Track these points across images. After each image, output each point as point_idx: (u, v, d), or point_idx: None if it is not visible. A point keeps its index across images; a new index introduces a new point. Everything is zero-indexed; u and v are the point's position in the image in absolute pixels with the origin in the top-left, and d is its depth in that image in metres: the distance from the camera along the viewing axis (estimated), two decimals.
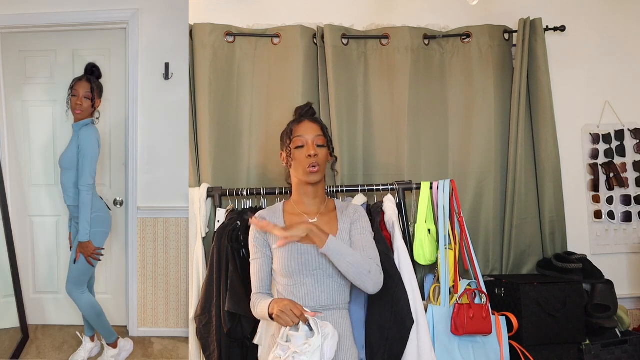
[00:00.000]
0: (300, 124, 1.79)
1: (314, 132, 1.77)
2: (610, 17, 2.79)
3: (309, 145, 1.75)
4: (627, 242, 2.74)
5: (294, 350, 1.49)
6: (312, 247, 1.70)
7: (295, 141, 1.76)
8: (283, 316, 1.51)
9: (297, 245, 1.70)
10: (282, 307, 1.52)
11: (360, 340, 1.93)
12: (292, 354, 1.49)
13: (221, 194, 2.31)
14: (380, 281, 1.67)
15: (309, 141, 1.75)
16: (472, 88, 2.60)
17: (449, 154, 2.60)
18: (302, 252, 1.70)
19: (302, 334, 1.51)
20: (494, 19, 2.65)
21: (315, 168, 1.73)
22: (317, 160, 1.73)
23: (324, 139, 1.78)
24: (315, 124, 1.80)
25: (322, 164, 1.76)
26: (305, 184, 1.77)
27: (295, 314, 1.50)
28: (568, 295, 2.25)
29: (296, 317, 1.50)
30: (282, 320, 1.52)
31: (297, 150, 1.76)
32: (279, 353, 1.53)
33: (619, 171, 2.73)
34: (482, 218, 2.57)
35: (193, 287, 2.22)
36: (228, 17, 2.56)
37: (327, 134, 1.81)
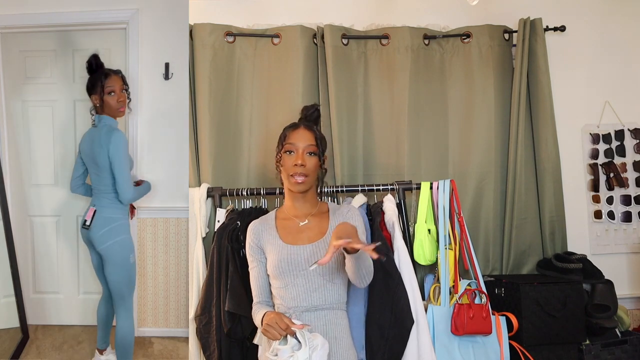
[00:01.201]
0: (295, 130, 1.78)
1: (306, 140, 1.75)
2: (610, 17, 2.79)
3: (298, 154, 1.73)
4: (627, 242, 2.74)
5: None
6: (302, 247, 1.70)
7: (286, 147, 1.76)
8: (270, 330, 1.52)
9: (286, 247, 1.71)
10: (269, 321, 1.53)
11: (360, 340, 1.93)
12: None
13: (221, 194, 2.31)
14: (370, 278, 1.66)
15: (300, 149, 1.73)
16: (472, 88, 2.60)
17: (449, 154, 2.60)
18: (291, 253, 1.70)
19: (288, 348, 1.50)
20: (494, 19, 2.65)
21: (301, 179, 1.71)
22: (304, 171, 1.71)
23: (316, 148, 1.75)
24: (310, 132, 1.77)
25: (311, 174, 1.74)
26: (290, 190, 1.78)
27: (282, 327, 1.50)
28: (568, 295, 2.25)
29: (282, 331, 1.50)
30: (270, 334, 1.52)
31: (286, 156, 1.75)
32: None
33: (619, 171, 2.73)
34: (482, 218, 2.57)
35: (193, 287, 2.22)
36: (228, 17, 2.56)
37: (320, 144, 1.77)
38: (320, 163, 1.78)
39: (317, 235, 1.74)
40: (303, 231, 1.76)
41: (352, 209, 1.82)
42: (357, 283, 1.64)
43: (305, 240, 1.73)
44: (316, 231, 1.75)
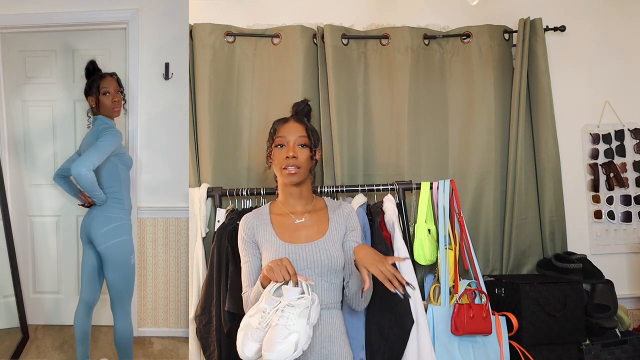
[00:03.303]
0: (285, 124, 1.77)
1: (297, 132, 1.74)
2: (611, 17, 2.79)
3: (289, 146, 1.72)
4: (627, 242, 2.74)
5: (286, 303, 1.45)
6: (300, 246, 1.69)
7: (276, 140, 1.75)
8: (276, 268, 1.49)
9: (284, 245, 1.69)
10: (277, 262, 1.51)
11: (360, 340, 1.93)
12: (283, 307, 1.44)
13: (221, 194, 2.31)
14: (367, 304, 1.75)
15: (290, 142, 1.73)
16: (472, 88, 2.60)
17: (449, 154, 2.60)
18: (290, 251, 1.68)
19: (297, 289, 1.47)
20: (494, 19, 2.65)
21: (293, 170, 1.70)
22: (296, 162, 1.71)
23: (307, 140, 1.75)
24: (300, 125, 1.77)
25: (304, 166, 1.73)
26: (284, 184, 1.77)
27: (289, 271, 1.49)
28: (568, 295, 2.25)
29: (288, 274, 1.48)
30: (274, 274, 1.49)
31: (277, 150, 1.75)
32: (263, 306, 1.48)
33: (619, 171, 2.73)
34: (482, 218, 2.57)
35: (193, 287, 2.22)
36: (228, 17, 2.56)
37: (311, 136, 1.77)
38: (312, 154, 1.77)
39: (316, 235, 1.73)
40: (300, 229, 1.74)
41: (352, 215, 1.81)
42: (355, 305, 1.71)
43: (304, 239, 1.71)
44: (315, 230, 1.74)
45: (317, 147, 1.81)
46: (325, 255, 1.67)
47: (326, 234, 1.73)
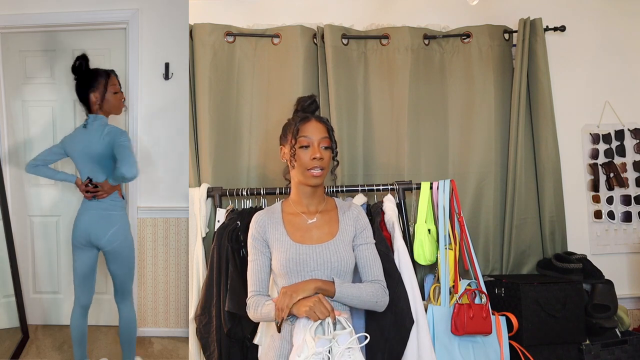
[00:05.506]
0: (307, 123, 1.73)
1: (320, 133, 1.71)
2: (611, 17, 2.79)
3: (314, 147, 1.69)
4: (627, 242, 2.74)
5: (346, 346, 1.49)
6: (310, 247, 1.68)
7: (300, 141, 1.70)
8: (315, 308, 1.51)
9: (295, 245, 1.68)
10: (315, 300, 1.53)
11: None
12: (343, 350, 1.48)
13: (221, 194, 2.31)
14: (385, 302, 1.72)
15: (315, 142, 1.69)
16: (472, 88, 2.60)
17: (449, 154, 2.60)
18: (300, 252, 1.67)
19: (346, 331, 1.51)
20: (494, 19, 2.65)
21: (318, 172, 1.68)
22: (322, 164, 1.69)
23: (329, 141, 1.73)
24: (322, 125, 1.74)
25: (327, 167, 1.72)
26: (305, 184, 1.76)
27: (327, 308, 1.51)
28: (568, 295, 2.25)
29: (327, 312, 1.51)
30: (314, 313, 1.51)
31: (301, 150, 1.70)
32: (318, 350, 1.49)
33: (619, 171, 2.73)
34: (482, 218, 2.57)
35: (193, 287, 2.22)
36: (228, 17, 2.56)
37: (332, 136, 1.75)
38: (334, 155, 1.76)
39: (327, 236, 1.72)
40: (312, 230, 1.73)
41: (361, 216, 1.80)
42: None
43: (315, 240, 1.70)
44: (326, 231, 1.73)
45: (337, 148, 1.80)
46: (335, 257, 1.67)
47: (336, 235, 1.72)
